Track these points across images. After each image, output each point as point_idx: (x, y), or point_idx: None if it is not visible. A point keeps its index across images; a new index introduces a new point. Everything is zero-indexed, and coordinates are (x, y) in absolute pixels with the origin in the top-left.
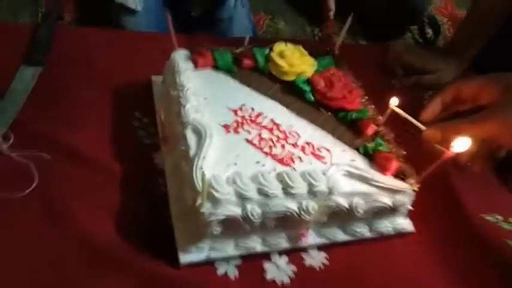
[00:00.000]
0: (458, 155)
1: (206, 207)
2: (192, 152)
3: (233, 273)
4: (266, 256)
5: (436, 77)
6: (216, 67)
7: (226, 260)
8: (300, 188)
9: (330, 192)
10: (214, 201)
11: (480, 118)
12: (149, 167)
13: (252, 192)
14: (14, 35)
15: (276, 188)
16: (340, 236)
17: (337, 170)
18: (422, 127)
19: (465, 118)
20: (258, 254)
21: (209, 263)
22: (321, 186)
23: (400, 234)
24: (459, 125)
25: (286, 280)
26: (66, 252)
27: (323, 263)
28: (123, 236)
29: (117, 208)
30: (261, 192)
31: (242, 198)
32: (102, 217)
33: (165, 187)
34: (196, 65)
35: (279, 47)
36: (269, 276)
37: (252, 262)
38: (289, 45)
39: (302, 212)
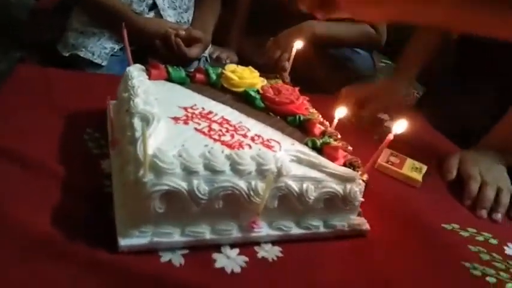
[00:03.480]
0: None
1: (149, 178)
2: (138, 133)
3: (178, 261)
4: (216, 248)
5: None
6: (169, 80)
7: (172, 249)
8: (249, 165)
9: (279, 173)
10: (158, 172)
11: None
12: (95, 172)
13: (198, 166)
14: None
15: (223, 164)
16: (294, 229)
17: (286, 154)
18: None
19: None
20: (208, 245)
21: (154, 252)
22: (270, 166)
23: (358, 235)
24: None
25: (237, 269)
26: None
27: (277, 256)
28: (63, 228)
29: (57, 205)
30: (208, 167)
31: (188, 171)
32: (41, 212)
33: (110, 187)
34: (150, 76)
35: (231, 67)
36: (218, 265)
37: (200, 252)
38: (240, 67)
39: (251, 192)
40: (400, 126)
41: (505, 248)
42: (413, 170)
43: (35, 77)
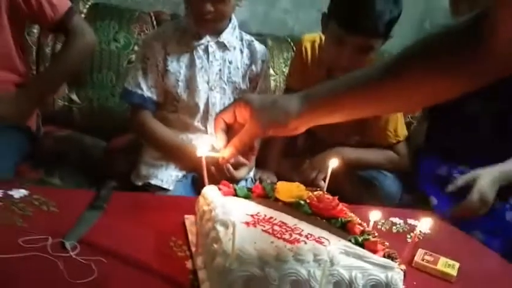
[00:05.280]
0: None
1: (234, 266)
2: (221, 234)
3: None
4: None
5: None
6: (236, 195)
7: None
8: (307, 256)
9: (332, 262)
10: (241, 262)
11: (246, 128)
12: (182, 270)
13: (270, 258)
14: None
15: (288, 256)
16: None
17: (336, 248)
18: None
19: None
20: None
21: None
22: (324, 256)
23: None
24: (241, 134)
25: None
26: None
27: None
28: None
29: None
30: (277, 258)
31: (262, 261)
32: None
33: (197, 281)
34: (222, 193)
35: (281, 184)
36: None
37: None
38: (288, 183)
39: (310, 278)
40: (424, 224)
41: None
42: (447, 266)
43: (126, 200)
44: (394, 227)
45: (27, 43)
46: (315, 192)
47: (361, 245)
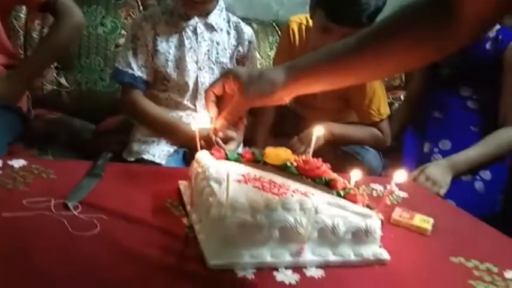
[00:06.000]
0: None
1: (229, 214)
2: (215, 188)
3: (250, 276)
4: (275, 269)
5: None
6: (227, 159)
7: (244, 268)
8: (294, 205)
9: (316, 211)
10: (234, 210)
11: (235, 100)
12: (179, 225)
13: (260, 205)
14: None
15: (277, 205)
16: (332, 256)
17: (320, 199)
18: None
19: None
20: (269, 267)
21: (231, 270)
22: (309, 205)
23: (380, 264)
24: (230, 106)
25: (293, 282)
26: (122, 264)
27: (321, 275)
28: (165, 257)
29: (157, 244)
30: (267, 207)
31: (254, 209)
32: (148, 248)
33: (193, 233)
34: (214, 157)
35: (269, 149)
36: (279, 279)
37: (264, 271)
38: (276, 148)
39: (297, 225)
40: (400, 176)
41: (504, 273)
42: (422, 221)
43: (121, 170)
44: (374, 192)
45: (14, 28)
46: (302, 156)
47: (343, 198)
